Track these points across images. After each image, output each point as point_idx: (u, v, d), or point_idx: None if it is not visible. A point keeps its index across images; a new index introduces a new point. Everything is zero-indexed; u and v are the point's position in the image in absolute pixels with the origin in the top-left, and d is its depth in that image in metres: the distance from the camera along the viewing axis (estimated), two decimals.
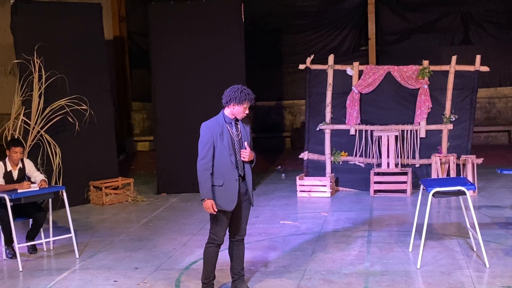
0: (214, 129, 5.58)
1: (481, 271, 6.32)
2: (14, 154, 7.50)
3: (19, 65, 9.73)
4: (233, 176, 5.61)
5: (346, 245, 7.46)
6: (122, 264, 7.09)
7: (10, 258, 7.41)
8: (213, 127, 5.59)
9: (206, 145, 5.55)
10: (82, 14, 10.54)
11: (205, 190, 5.56)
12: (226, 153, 5.57)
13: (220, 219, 5.67)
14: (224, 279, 6.28)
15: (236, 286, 5.95)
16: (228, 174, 5.59)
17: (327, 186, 10.42)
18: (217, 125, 5.60)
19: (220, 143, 5.56)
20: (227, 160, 5.58)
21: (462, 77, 10.56)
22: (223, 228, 5.72)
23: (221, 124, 5.61)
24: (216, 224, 5.70)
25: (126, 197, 10.69)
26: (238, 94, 5.56)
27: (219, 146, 5.56)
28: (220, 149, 5.56)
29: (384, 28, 16.66)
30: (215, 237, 5.72)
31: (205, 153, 5.56)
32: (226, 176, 5.59)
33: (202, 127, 5.65)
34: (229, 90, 5.63)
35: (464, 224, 7.51)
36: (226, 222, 5.71)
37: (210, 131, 5.57)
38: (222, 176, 5.58)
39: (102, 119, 10.59)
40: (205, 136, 5.59)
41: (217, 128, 5.58)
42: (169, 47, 10.97)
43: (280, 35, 17.16)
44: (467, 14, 16.26)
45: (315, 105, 11.12)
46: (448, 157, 10.22)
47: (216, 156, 5.57)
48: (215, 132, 5.56)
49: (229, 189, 5.59)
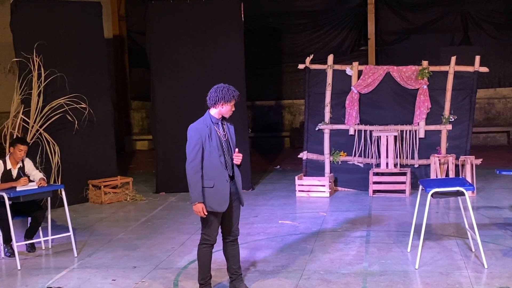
0: (203, 131, 5.52)
1: (479, 271, 6.32)
2: (19, 152, 7.49)
3: (18, 63, 9.73)
4: (224, 177, 5.57)
5: (344, 245, 7.46)
6: (120, 263, 7.09)
7: (8, 257, 7.41)
8: (201, 128, 5.53)
9: (195, 147, 5.49)
10: (82, 13, 10.53)
11: (196, 193, 5.51)
12: (215, 154, 5.52)
13: (211, 221, 5.64)
14: (220, 279, 6.28)
15: (235, 285, 5.94)
16: (219, 175, 5.55)
17: (326, 186, 10.42)
18: (205, 126, 5.55)
19: (209, 144, 5.51)
20: (217, 161, 5.54)
21: (462, 77, 10.56)
22: (215, 228, 5.69)
23: (208, 125, 5.55)
24: (208, 226, 5.67)
25: (125, 196, 10.69)
26: (225, 93, 5.52)
27: (208, 147, 5.50)
28: (209, 150, 5.51)
29: (384, 28, 16.67)
30: (208, 237, 5.70)
31: (194, 155, 5.49)
32: (217, 177, 5.54)
33: (191, 129, 5.57)
34: (214, 90, 5.57)
35: (462, 224, 7.51)
36: (217, 222, 5.69)
37: (198, 133, 5.50)
38: (212, 178, 5.54)
39: (101, 117, 10.59)
40: (193, 138, 5.51)
41: (205, 130, 5.52)
42: (169, 46, 10.97)
43: (279, 35, 17.16)
44: (467, 15, 16.28)
45: (314, 105, 11.13)
46: (447, 158, 10.23)
47: (206, 158, 5.51)
48: (204, 133, 5.51)
49: (221, 190, 5.55)
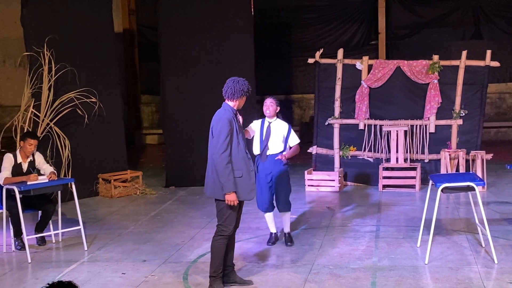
0: (232, 122, 5.62)
1: (490, 267, 6.30)
2: (29, 146, 7.52)
3: (29, 57, 9.76)
4: (250, 167, 5.71)
5: (354, 240, 7.45)
6: (130, 256, 7.11)
7: (19, 250, 7.45)
8: (231, 120, 5.62)
9: (227, 138, 5.55)
10: (92, 7, 10.54)
11: (230, 183, 5.56)
12: (242, 145, 5.65)
13: (233, 211, 5.72)
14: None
15: (229, 277, 5.99)
16: (246, 165, 5.67)
17: (335, 181, 10.41)
18: (232, 118, 5.66)
19: (237, 135, 5.62)
20: (243, 152, 5.67)
21: (472, 72, 10.51)
22: (233, 220, 5.76)
23: (233, 117, 5.67)
24: (228, 216, 5.72)
25: (134, 190, 10.71)
26: (244, 86, 5.68)
27: (235, 138, 5.61)
28: (237, 141, 5.62)
29: (394, 22, 16.60)
30: (226, 229, 5.75)
31: (226, 146, 5.55)
32: (244, 167, 5.66)
33: (223, 119, 5.58)
34: (232, 83, 5.68)
35: (472, 219, 7.48)
36: (235, 214, 5.77)
37: (230, 124, 5.58)
38: (240, 167, 5.63)
39: (111, 112, 10.61)
40: (226, 129, 5.55)
41: (233, 121, 5.64)
42: (178, 40, 10.97)
43: (289, 29, 17.13)
44: (478, 9, 16.18)
45: (324, 100, 11.11)
46: (457, 153, 10.18)
47: (234, 149, 5.60)
48: (233, 124, 5.62)
49: (248, 179, 5.68)
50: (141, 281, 6.25)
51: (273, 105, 7.11)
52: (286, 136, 7.19)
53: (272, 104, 7.10)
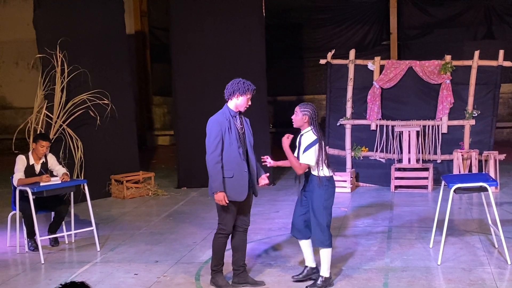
0: (223, 123, 5.73)
1: (503, 267, 6.27)
2: (41, 148, 7.55)
3: (41, 59, 9.81)
4: (243, 168, 5.78)
5: (366, 241, 7.43)
6: (142, 257, 7.14)
7: (32, 251, 7.49)
8: (221, 121, 5.75)
9: (216, 139, 5.69)
10: (104, 9, 10.59)
11: (217, 183, 5.70)
12: (235, 146, 5.73)
13: (230, 210, 5.81)
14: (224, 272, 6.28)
15: (241, 278, 6.02)
16: (238, 165, 5.75)
17: (347, 182, 10.38)
18: (225, 119, 5.77)
19: (229, 136, 5.72)
20: (236, 153, 5.74)
21: (485, 72, 10.46)
22: (232, 218, 5.86)
23: (228, 118, 5.78)
24: (226, 215, 5.83)
25: (147, 191, 10.75)
26: (241, 85, 5.79)
27: (228, 139, 5.71)
28: (229, 142, 5.71)
29: (406, 22, 16.53)
30: (225, 227, 5.87)
31: (214, 146, 5.69)
32: (236, 168, 5.74)
33: (211, 122, 5.79)
34: (230, 83, 5.86)
35: (485, 220, 7.44)
36: (234, 213, 5.85)
37: (219, 125, 5.71)
38: (232, 168, 5.73)
39: (123, 113, 10.65)
40: (214, 130, 5.72)
41: (225, 122, 5.74)
42: (190, 41, 10.99)
43: (300, 30, 17.10)
44: (490, 8, 16.07)
45: (335, 100, 11.09)
46: (470, 153, 10.14)
47: (225, 149, 5.72)
48: (224, 125, 5.72)
49: (240, 180, 5.76)
50: (154, 282, 6.27)
51: (297, 113, 5.84)
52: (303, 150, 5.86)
53: (296, 112, 5.87)
